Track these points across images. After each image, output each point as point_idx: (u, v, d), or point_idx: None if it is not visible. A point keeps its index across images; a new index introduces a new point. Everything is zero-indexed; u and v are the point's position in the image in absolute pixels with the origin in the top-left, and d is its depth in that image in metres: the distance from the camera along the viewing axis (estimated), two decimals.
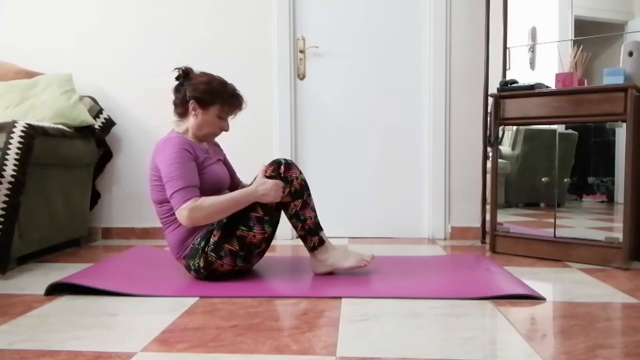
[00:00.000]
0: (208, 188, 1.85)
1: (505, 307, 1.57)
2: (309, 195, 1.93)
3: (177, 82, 1.95)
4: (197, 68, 2.90)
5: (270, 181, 1.82)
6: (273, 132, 2.92)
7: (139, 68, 2.97)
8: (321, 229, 1.94)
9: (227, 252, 1.81)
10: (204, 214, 1.73)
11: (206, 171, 1.87)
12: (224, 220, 1.82)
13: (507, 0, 2.65)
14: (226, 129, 1.94)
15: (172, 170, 1.75)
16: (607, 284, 1.87)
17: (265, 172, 1.87)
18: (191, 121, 1.91)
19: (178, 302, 1.63)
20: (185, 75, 1.93)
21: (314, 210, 1.93)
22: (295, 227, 1.92)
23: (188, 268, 1.88)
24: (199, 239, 1.84)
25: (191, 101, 1.88)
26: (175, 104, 1.94)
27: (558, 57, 2.56)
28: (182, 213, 1.72)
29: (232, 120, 1.98)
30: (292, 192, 1.88)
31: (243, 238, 1.81)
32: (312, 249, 1.93)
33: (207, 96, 1.88)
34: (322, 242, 1.93)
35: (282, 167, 1.88)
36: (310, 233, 1.91)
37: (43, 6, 3.00)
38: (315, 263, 1.96)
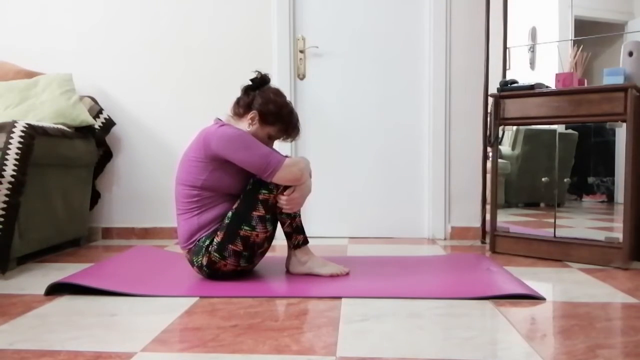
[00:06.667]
0: (231, 185, 1.87)
1: (505, 307, 1.57)
2: None
3: (250, 83, 1.97)
4: (197, 68, 2.95)
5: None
6: None
7: (139, 68, 2.97)
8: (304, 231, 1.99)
9: (231, 253, 1.82)
10: (297, 168, 1.82)
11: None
12: (227, 221, 1.82)
13: (507, 0, 2.65)
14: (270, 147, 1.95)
15: (254, 148, 1.80)
16: (607, 284, 1.87)
17: None
18: (243, 126, 1.93)
19: (178, 302, 1.63)
20: (261, 82, 1.97)
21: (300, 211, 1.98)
22: (283, 222, 1.94)
23: (191, 262, 1.89)
24: (204, 237, 1.84)
25: (254, 111, 1.91)
26: (237, 102, 1.97)
27: (558, 57, 2.56)
28: (289, 169, 1.81)
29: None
30: (286, 188, 1.89)
31: (247, 238, 1.82)
32: (296, 246, 1.96)
33: (272, 117, 1.91)
34: (306, 241, 1.97)
35: None
36: (297, 231, 1.95)
37: (43, 6, 2.99)
38: (294, 261, 1.98)
